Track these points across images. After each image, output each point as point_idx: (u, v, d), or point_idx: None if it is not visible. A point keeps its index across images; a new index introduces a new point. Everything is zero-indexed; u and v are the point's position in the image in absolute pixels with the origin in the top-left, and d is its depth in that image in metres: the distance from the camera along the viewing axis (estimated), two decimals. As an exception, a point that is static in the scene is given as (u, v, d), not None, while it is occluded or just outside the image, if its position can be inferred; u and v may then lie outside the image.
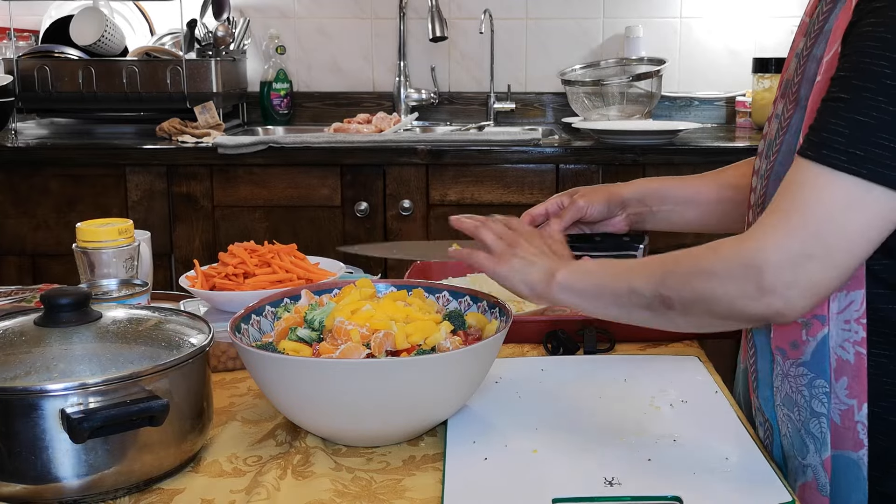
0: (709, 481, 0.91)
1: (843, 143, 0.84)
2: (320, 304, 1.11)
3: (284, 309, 1.13)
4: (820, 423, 0.96)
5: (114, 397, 0.87)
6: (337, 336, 1.01)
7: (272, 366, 0.97)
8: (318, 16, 3.08)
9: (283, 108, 3.03)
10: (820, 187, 0.85)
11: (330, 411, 0.96)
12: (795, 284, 0.86)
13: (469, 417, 1.05)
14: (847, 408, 0.95)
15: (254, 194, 2.48)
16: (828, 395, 0.95)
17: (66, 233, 2.43)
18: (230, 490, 0.92)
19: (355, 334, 1.00)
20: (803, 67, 0.96)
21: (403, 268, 2.41)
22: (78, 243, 1.31)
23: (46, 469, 0.86)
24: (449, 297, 1.17)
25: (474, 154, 2.44)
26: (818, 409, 0.96)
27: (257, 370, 0.99)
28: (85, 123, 2.92)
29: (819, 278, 0.86)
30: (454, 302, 1.17)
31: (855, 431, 0.94)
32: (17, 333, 0.94)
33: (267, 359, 0.97)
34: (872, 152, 0.82)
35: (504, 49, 3.05)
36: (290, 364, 0.96)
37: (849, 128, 0.84)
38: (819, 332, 0.94)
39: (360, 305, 1.06)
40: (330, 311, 1.05)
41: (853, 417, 0.94)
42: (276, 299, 1.14)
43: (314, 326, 1.05)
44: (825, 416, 0.95)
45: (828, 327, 0.94)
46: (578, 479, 0.91)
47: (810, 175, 0.86)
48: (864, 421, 0.94)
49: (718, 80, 3.03)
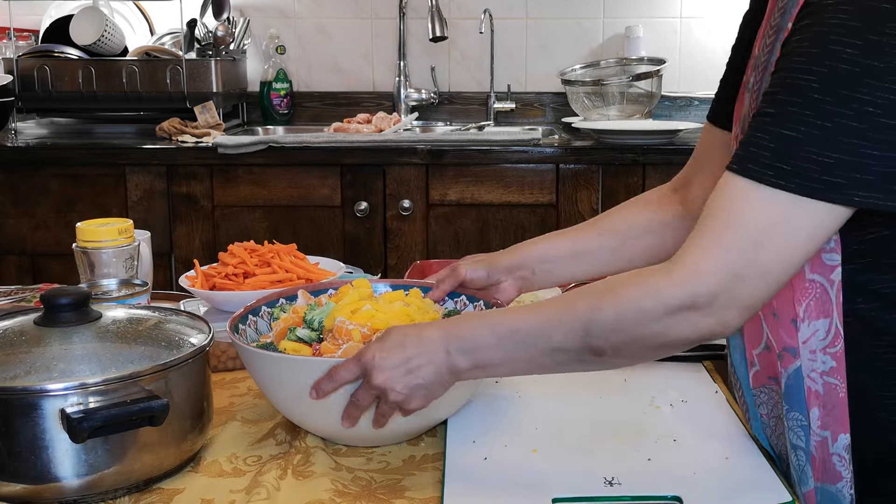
0: (709, 481, 0.91)
1: (769, 157, 0.82)
2: (319, 305, 1.11)
3: (281, 309, 1.13)
4: (798, 456, 0.94)
5: (114, 397, 0.87)
6: (338, 336, 1.01)
7: (274, 366, 0.97)
8: (318, 16, 3.08)
9: (283, 107, 3.03)
10: (750, 203, 0.83)
11: (331, 411, 0.96)
12: (730, 304, 0.84)
13: (469, 417, 1.05)
14: (821, 439, 0.92)
15: (254, 194, 2.48)
16: (804, 427, 0.93)
17: (66, 232, 2.43)
18: (230, 490, 0.92)
19: (357, 334, 1.01)
20: (755, 102, 0.94)
21: (403, 268, 2.41)
22: (78, 243, 1.31)
23: (46, 469, 0.86)
24: (445, 297, 1.17)
25: (474, 154, 2.44)
26: (795, 442, 0.94)
27: (258, 370, 0.99)
28: (85, 123, 2.91)
29: (753, 296, 0.84)
30: (450, 302, 1.17)
31: (831, 463, 0.92)
32: (17, 333, 0.94)
33: (268, 358, 0.97)
34: (800, 166, 0.81)
35: (504, 49, 3.05)
36: (292, 364, 0.96)
37: (774, 142, 0.82)
38: (791, 364, 0.92)
39: (360, 305, 1.06)
40: (329, 312, 1.05)
41: (828, 449, 0.92)
42: (272, 300, 1.14)
43: (314, 327, 1.05)
44: (802, 448, 0.94)
45: (799, 359, 0.92)
46: (578, 478, 0.91)
47: (739, 190, 0.84)
48: (840, 453, 0.92)
49: (718, 79, 3.02)
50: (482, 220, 2.48)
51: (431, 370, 0.92)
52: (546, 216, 2.47)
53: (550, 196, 2.46)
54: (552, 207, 2.47)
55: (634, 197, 1.25)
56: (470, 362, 0.92)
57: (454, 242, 2.49)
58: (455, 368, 0.92)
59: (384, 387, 0.92)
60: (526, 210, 2.47)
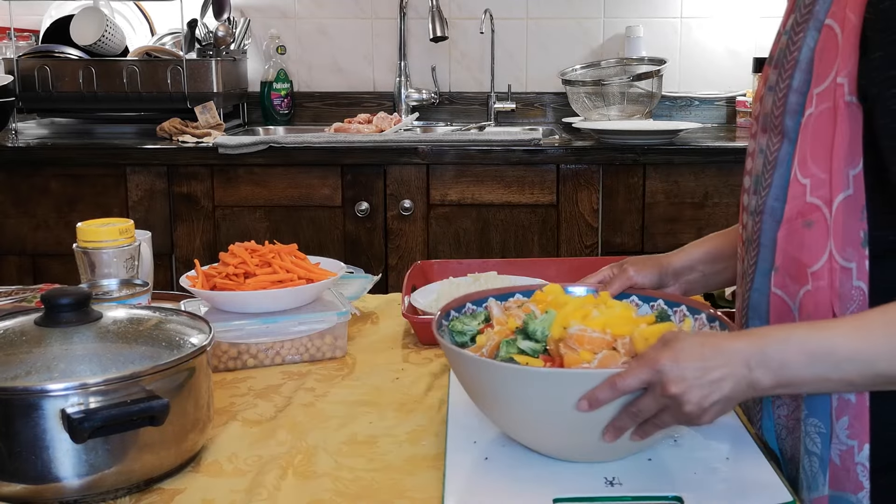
0: (709, 481, 0.91)
1: None
2: (526, 312, 1.02)
3: (472, 316, 1.08)
4: (811, 461, 0.94)
5: (114, 397, 0.87)
6: (577, 345, 0.93)
7: (546, 383, 0.89)
8: (318, 16, 3.08)
9: (284, 107, 3.03)
10: None
11: (587, 424, 0.89)
12: None
13: (470, 417, 1.05)
14: (847, 448, 0.91)
15: (254, 194, 2.48)
16: (822, 435, 0.92)
17: (66, 233, 2.43)
18: (230, 490, 0.92)
19: (601, 342, 0.94)
20: (783, 100, 0.95)
21: (404, 268, 2.41)
22: (78, 243, 1.31)
23: (47, 469, 0.86)
24: (638, 301, 1.13)
25: (475, 154, 2.44)
26: (811, 448, 0.94)
27: (515, 389, 0.90)
28: (85, 123, 2.92)
29: None
30: (645, 306, 1.12)
31: (855, 473, 0.91)
32: (17, 333, 0.94)
33: (536, 375, 0.89)
34: None
35: (504, 49, 3.05)
36: (569, 378, 0.88)
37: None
38: None
39: (587, 311, 0.99)
40: (553, 321, 0.97)
41: (853, 458, 0.91)
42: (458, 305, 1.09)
43: (537, 338, 0.97)
44: (817, 455, 0.93)
45: None
46: (579, 478, 0.91)
47: None
48: (864, 462, 0.91)
49: (719, 79, 3.03)
50: (483, 220, 2.48)
51: (731, 384, 0.85)
52: (547, 216, 2.47)
53: (551, 196, 2.46)
54: (553, 207, 2.47)
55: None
56: (773, 380, 0.86)
57: (455, 243, 2.49)
58: (756, 385, 0.86)
59: (681, 398, 0.85)
60: (526, 210, 2.47)
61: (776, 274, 0.96)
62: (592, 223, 2.47)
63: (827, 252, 0.91)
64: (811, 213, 0.91)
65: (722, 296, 1.42)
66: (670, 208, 2.48)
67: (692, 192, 2.47)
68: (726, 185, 2.45)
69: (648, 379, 0.86)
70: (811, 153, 0.91)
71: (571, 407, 0.87)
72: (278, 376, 1.23)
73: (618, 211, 2.48)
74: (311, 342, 1.29)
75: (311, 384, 1.20)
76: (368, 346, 1.35)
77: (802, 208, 0.92)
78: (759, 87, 1.02)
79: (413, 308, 1.41)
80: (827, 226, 0.90)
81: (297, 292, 1.29)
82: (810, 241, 0.92)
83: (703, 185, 2.46)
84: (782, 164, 0.95)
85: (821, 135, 0.90)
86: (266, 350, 1.27)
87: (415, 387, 1.19)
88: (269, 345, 1.27)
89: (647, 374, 0.86)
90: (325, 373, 1.25)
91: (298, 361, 1.29)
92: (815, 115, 0.90)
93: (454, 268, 1.59)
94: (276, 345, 1.27)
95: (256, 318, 1.27)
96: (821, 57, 0.91)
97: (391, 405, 1.14)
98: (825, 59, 0.90)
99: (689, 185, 2.46)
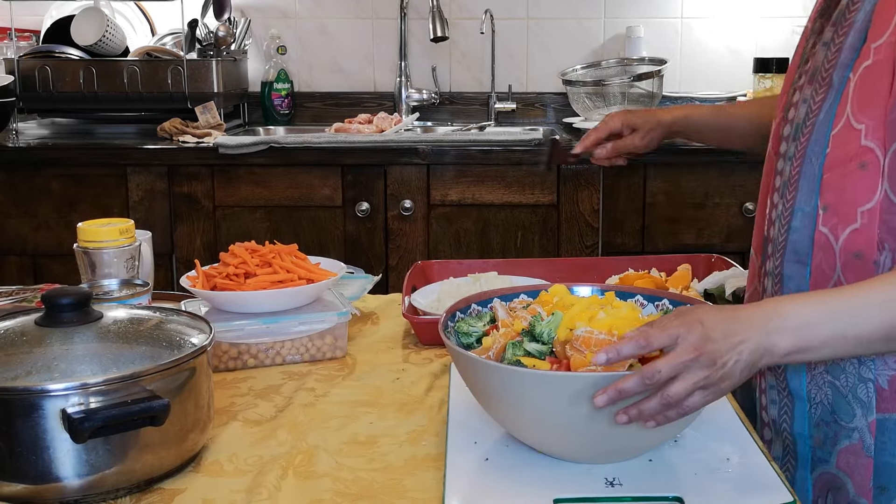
0: (710, 481, 0.90)
1: None
2: (531, 314, 1.02)
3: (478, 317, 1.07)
4: (867, 388, 1.00)
5: (115, 397, 0.87)
6: (584, 347, 0.93)
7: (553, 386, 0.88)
8: (318, 16, 3.08)
9: (284, 108, 3.03)
10: None
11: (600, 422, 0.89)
12: None
13: (470, 418, 1.05)
14: (895, 373, 0.99)
15: (255, 194, 2.48)
16: (874, 360, 0.99)
17: (67, 233, 2.43)
18: (231, 490, 0.92)
19: (608, 344, 0.92)
20: (836, 55, 1.02)
21: (404, 268, 2.41)
22: (79, 243, 1.31)
23: (47, 469, 0.86)
24: (643, 301, 1.12)
25: (475, 154, 2.44)
26: (866, 375, 1.00)
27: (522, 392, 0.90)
28: (86, 123, 2.92)
29: None
30: (650, 306, 1.12)
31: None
32: (18, 333, 0.94)
33: (543, 378, 0.89)
34: None
35: (505, 49, 3.05)
36: (577, 381, 0.87)
37: None
38: None
39: (593, 313, 0.98)
40: (559, 323, 0.97)
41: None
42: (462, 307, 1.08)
43: (544, 340, 0.97)
44: (872, 381, 1.00)
45: None
46: (580, 479, 0.91)
47: None
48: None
49: (719, 79, 3.03)
50: (483, 220, 2.48)
51: (749, 349, 0.85)
52: (547, 216, 2.47)
53: (551, 196, 2.46)
54: (553, 208, 2.46)
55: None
56: (791, 342, 0.87)
57: (455, 243, 2.49)
58: (772, 350, 0.87)
59: (711, 356, 0.84)
60: (527, 210, 2.47)
61: (825, 213, 1.01)
62: (593, 223, 2.47)
63: (880, 192, 0.97)
64: (865, 154, 0.97)
65: (722, 295, 1.42)
66: (671, 209, 2.48)
67: (693, 192, 2.47)
68: (727, 185, 2.44)
69: (677, 333, 0.85)
70: (865, 101, 0.98)
71: (578, 409, 0.87)
72: (279, 376, 1.23)
73: (618, 211, 2.48)
74: (312, 342, 1.29)
75: (312, 384, 1.20)
76: (369, 347, 1.35)
77: (856, 151, 0.98)
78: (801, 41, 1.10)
79: (413, 308, 1.41)
80: (880, 167, 0.96)
81: (297, 292, 1.29)
82: (863, 181, 0.97)
83: (704, 185, 2.46)
84: (823, 112, 1.02)
85: (877, 84, 0.97)
86: (266, 350, 1.27)
87: (415, 387, 1.19)
88: (270, 345, 1.27)
89: (677, 328, 0.86)
90: (325, 373, 1.25)
91: (299, 361, 1.29)
92: (871, 65, 0.97)
93: (454, 268, 1.59)
94: (276, 345, 1.27)
95: (257, 319, 1.27)
96: (880, 14, 0.98)
97: (391, 405, 1.14)
98: (885, 15, 0.97)
99: (690, 185, 2.46)
